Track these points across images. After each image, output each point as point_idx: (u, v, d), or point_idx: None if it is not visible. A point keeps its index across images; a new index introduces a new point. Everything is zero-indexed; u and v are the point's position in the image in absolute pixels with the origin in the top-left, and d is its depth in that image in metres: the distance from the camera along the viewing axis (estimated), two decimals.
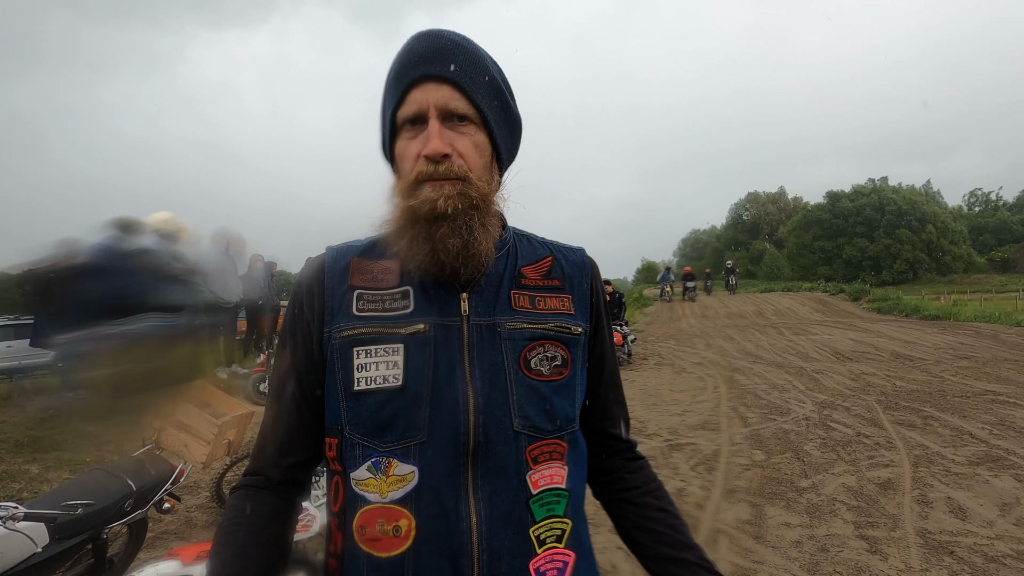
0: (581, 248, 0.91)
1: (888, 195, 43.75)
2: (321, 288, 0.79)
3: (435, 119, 0.73)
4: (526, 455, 0.75)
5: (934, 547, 3.06)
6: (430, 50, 0.74)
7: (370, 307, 0.77)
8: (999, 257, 43.26)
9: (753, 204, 59.94)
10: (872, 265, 41.82)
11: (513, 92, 0.83)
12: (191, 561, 1.73)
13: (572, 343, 0.81)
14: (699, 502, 3.81)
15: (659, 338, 14.40)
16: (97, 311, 5.55)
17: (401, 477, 0.72)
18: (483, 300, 0.79)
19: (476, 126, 0.76)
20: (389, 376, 0.73)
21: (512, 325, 0.78)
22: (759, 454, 4.79)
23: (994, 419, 5.43)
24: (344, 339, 0.76)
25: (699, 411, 6.49)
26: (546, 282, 0.83)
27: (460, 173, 0.73)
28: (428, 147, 0.72)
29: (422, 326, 0.75)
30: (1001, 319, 14.60)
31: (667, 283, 25.66)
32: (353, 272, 0.80)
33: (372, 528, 0.72)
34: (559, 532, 0.77)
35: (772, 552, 3.10)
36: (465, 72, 0.75)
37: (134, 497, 2.35)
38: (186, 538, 3.41)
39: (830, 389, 7.30)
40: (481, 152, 0.77)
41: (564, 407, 0.79)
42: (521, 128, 0.86)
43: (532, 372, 0.77)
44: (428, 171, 0.73)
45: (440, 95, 0.73)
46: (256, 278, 7.70)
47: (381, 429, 0.73)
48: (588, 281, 0.86)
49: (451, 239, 0.72)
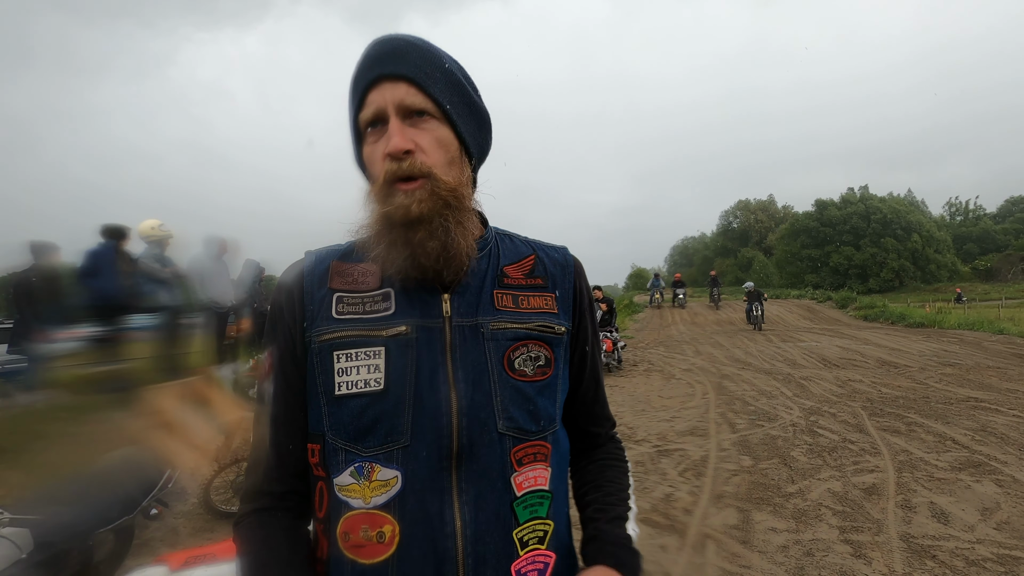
0: (564, 247, 0.91)
1: (874, 204, 44.44)
2: (301, 292, 0.78)
3: (395, 117, 0.73)
4: (511, 457, 0.75)
5: (917, 551, 3.11)
6: (384, 52, 0.74)
7: (350, 310, 0.76)
8: (982, 266, 44.02)
9: (743, 212, 60.55)
10: (859, 273, 42.39)
11: (477, 87, 0.82)
12: (179, 567, 1.71)
13: (555, 343, 0.81)
14: (687, 507, 3.84)
15: (649, 344, 14.47)
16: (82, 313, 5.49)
17: (384, 482, 0.71)
18: (465, 300, 0.78)
19: (437, 120, 0.75)
20: (371, 380, 0.72)
21: (495, 325, 0.77)
22: (747, 460, 4.83)
23: (976, 425, 5.52)
24: (324, 343, 0.74)
25: (688, 417, 6.53)
26: (529, 281, 0.83)
27: (423, 169, 0.72)
28: (389, 145, 0.72)
29: (404, 328, 0.74)
30: (984, 327, 14.86)
31: (657, 290, 25.81)
32: (333, 275, 0.79)
33: (356, 534, 0.71)
34: (541, 533, 0.77)
35: (759, 557, 3.13)
36: (420, 68, 0.74)
37: (121, 502, 2.33)
38: (172, 545, 3.37)
39: (817, 395, 7.38)
40: (445, 147, 0.75)
41: (547, 407, 0.79)
42: (490, 122, 0.84)
43: (516, 373, 0.77)
44: (393, 169, 0.72)
45: (396, 93, 0.73)
46: (244, 280, 7.67)
47: (363, 433, 0.72)
48: (571, 279, 0.86)
49: (429, 242, 0.72)
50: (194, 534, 3.49)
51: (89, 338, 6.32)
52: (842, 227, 44.21)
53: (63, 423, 4.90)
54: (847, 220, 44.19)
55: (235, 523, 0.80)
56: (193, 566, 1.70)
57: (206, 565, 1.71)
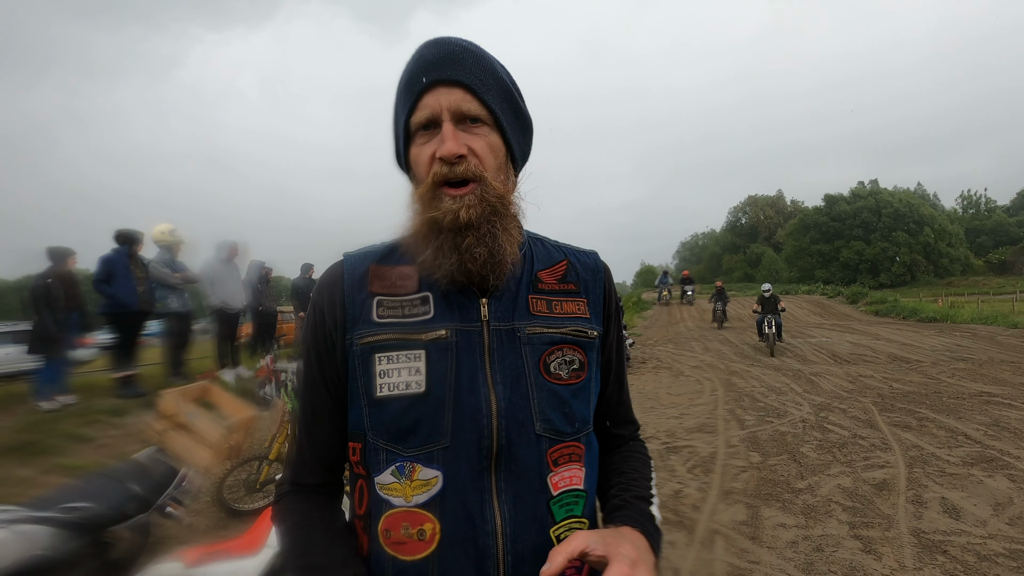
0: (594, 252, 0.92)
1: (885, 198, 43.98)
2: (341, 295, 0.79)
3: (448, 122, 0.74)
4: (547, 457, 0.76)
5: (928, 546, 3.09)
6: (440, 56, 0.75)
7: (390, 313, 0.77)
8: (996, 259, 43.42)
9: (752, 207, 60.14)
10: (869, 268, 41.96)
11: (522, 94, 0.84)
12: (193, 562, 1.75)
13: (588, 346, 0.82)
14: (696, 504, 3.84)
15: (657, 342, 14.43)
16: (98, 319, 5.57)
17: (425, 482, 0.73)
18: (502, 305, 0.79)
19: (489, 127, 0.77)
20: (412, 382, 0.74)
21: (531, 330, 0.79)
22: (756, 456, 4.82)
23: (989, 420, 5.47)
24: (365, 346, 0.76)
25: (697, 414, 6.52)
26: (562, 286, 0.84)
27: (476, 173, 0.74)
28: (443, 148, 0.72)
29: (443, 332, 0.76)
30: (998, 321, 14.68)
31: (665, 287, 25.71)
32: (372, 278, 0.80)
33: (397, 532, 0.73)
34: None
35: (768, 552, 3.13)
36: (475, 75, 0.75)
37: (136, 500, 2.37)
38: (187, 542, 3.42)
39: (827, 391, 7.33)
40: (495, 153, 0.77)
41: (581, 409, 0.81)
42: (532, 129, 0.86)
43: (552, 376, 0.78)
44: (443, 172, 0.73)
45: (452, 98, 0.74)
46: (250, 282, 7.75)
47: (405, 434, 0.74)
48: (602, 284, 0.88)
49: (477, 248, 0.73)
50: (208, 531, 3.55)
51: (105, 344, 6.41)
52: (852, 221, 43.82)
53: (81, 426, 4.98)
54: (857, 214, 43.79)
55: (273, 503, 0.83)
56: (207, 561, 1.74)
57: (220, 560, 1.75)
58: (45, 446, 4.53)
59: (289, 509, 0.80)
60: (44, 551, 2.01)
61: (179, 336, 6.48)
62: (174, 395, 3.44)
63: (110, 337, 6.23)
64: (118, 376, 5.90)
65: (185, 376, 6.28)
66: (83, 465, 4.28)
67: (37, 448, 4.48)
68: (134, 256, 5.87)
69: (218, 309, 6.86)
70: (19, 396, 5.61)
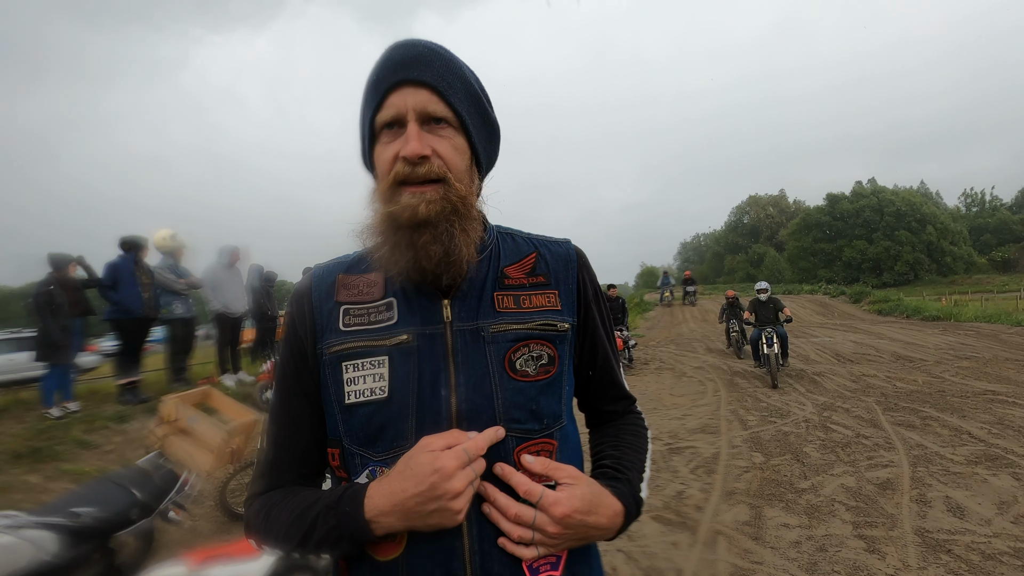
0: (566, 239, 0.91)
1: (887, 196, 43.83)
2: (310, 306, 0.81)
3: (413, 122, 0.74)
4: (514, 456, 0.76)
5: (932, 546, 3.08)
6: (407, 57, 0.75)
7: (356, 321, 0.79)
8: (1000, 257, 43.24)
9: (754, 207, 60.03)
10: (872, 267, 41.84)
11: (490, 99, 0.84)
12: (197, 565, 1.76)
13: (558, 339, 0.81)
14: (699, 504, 3.84)
15: (660, 343, 14.42)
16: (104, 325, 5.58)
17: None
18: (466, 305, 0.79)
19: (454, 129, 0.77)
20: (376, 388, 0.75)
21: (496, 328, 0.79)
22: (758, 456, 4.81)
23: (993, 418, 5.45)
24: (333, 355, 0.78)
25: (699, 415, 6.52)
26: (531, 279, 0.84)
27: (439, 174, 0.74)
28: (407, 148, 0.72)
29: (405, 336, 0.77)
30: (1002, 319, 14.60)
31: (667, 288, 25.67)
32: (339, 288, 0.82)
33: None
34: None
35: (771, 552, 3.12)
36: (442, 77, 0.76)
37: (139, 506, 2.39)
38: (191, 546, 3.43)
39: (830, 391, 7.32)
40: (460, 155, 0.77)
41: (551, 405, 0.80)
42: (499, 134, 0.86)
43: (518, 374, 0.78)
44: (405, 172, 0.73)
45: (418, 99, 0.74)
46: (251, 286, 7.77)
47: (372, 439, 0.75)
48: (575, 272, 0.86)
49: (433, 246, 0.73)
50: (211, 534, 3.56)
51: (110, 352, 6.42)
52: (854, 220, 43.67)
53: (86, 432, 5.00)
54: (859, 213, 43.65)
55: (246, 505, 0.84)
56: (211, 564, 1.75)
57: (223, 564, 1.76)
58: (52, 452, 4.56)
59: (262, 504, 0.80)
60: (50, 557, 2.02)
61: (182, 342, 6.50)
62: (175, 400, 3.46)
63: (115, 343, 6.25)
64: (121, 382, 5.93)
65: (187, 381, 6.30)
66: (88, 471, 4.30)
67: (45, 455, 4.50)
68: (139, 262, 5.90)
69: (220, 314, 6.89)
70: (28, 403, 5.63)
